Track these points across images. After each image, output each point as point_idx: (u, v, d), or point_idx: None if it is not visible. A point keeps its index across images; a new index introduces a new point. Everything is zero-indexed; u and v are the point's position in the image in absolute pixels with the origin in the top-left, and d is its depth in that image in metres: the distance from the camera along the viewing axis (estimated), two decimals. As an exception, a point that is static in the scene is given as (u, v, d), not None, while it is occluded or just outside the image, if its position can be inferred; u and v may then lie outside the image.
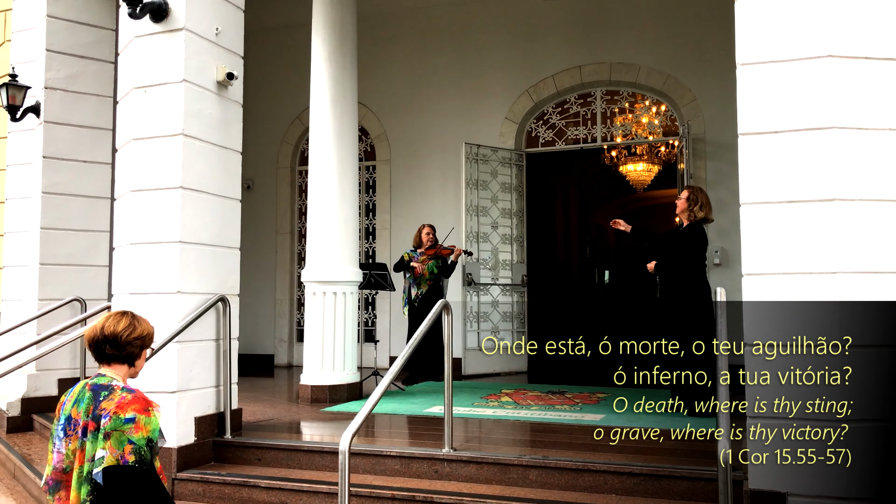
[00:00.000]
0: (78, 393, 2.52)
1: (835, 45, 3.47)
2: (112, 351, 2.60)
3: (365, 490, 4.13)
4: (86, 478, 2.40)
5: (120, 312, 2.70)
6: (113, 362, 2.61)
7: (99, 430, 2.40)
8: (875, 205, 3.43)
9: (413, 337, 4.33)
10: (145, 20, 4.81)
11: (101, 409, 2.42)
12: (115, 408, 2.41)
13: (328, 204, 6.68)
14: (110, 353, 2.60)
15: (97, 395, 2.47)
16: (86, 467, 2.41)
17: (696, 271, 5.58)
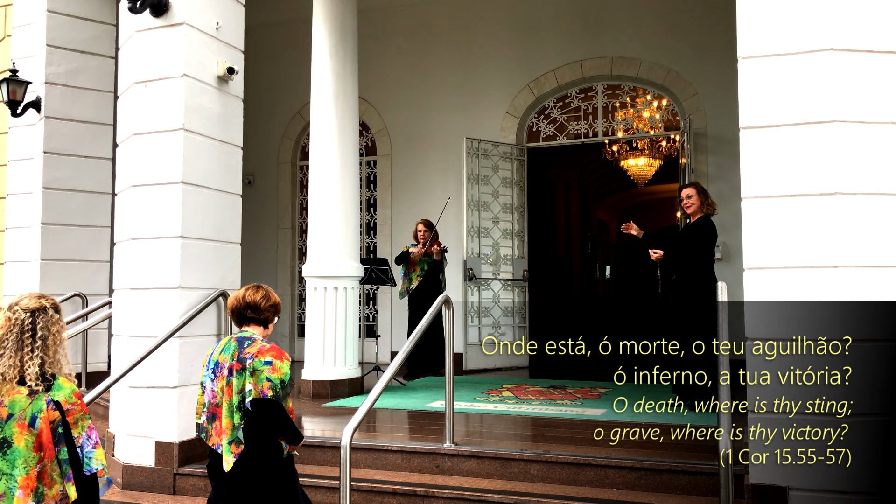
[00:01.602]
0: (224, 344, 3.10)
1: (836, 38, 3.46)
2: (252, 315, 3.16)
3: (366, 484, 4.13)
4: (237, 407, 2.97)
5: (255, 286, 3.25)
6: (252, 324, 3.16)
7: (244, 370, 2.97)
8: (876, 198, 3.43)
9: (413, 332, 4.34)
10: (145, 15, 4.80)
11: (245, 353, 3.00)
12: (257, 353, 2.98)
13: (329, 199, 6.67)
14: (251, 317, 3.16)
15: (241, 343, 3.05)
16: (234, 399, 2.97)
17: (706, 265, 5.60)
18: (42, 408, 2.35)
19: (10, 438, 2.31)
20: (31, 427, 2.33)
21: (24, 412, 2.33)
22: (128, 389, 4.77)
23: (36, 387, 2.38)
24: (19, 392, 2.36)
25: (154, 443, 4.69)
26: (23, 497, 2.27)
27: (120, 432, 4.87)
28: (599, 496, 3.92)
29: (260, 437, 3.02)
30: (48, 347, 2.47)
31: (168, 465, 4.66)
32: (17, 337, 2.43)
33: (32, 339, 2.44)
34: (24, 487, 2.28)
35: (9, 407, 2.34)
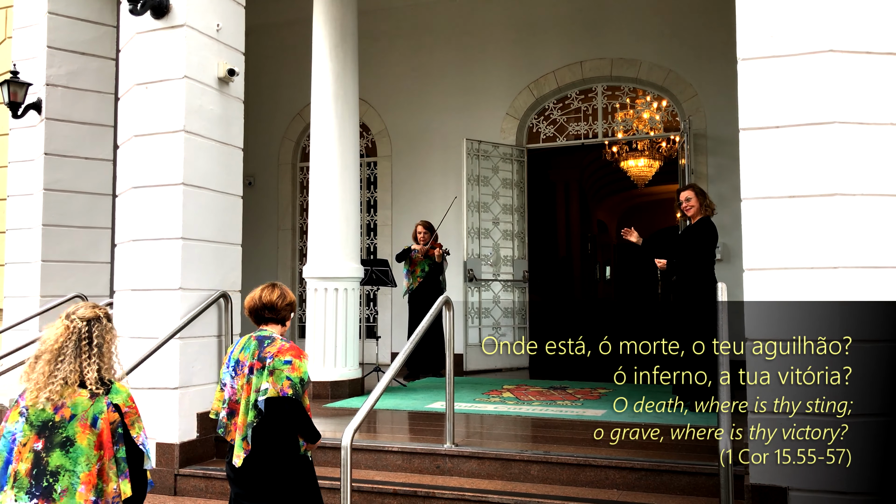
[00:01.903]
0: (244, 343, 3.19)
1: (835, 39, 3.47)
2: (270, 315, 3.25)
3: (367, 485, 4.14)
4: (253, 405, 3.06)
5: (271, 285, 3.32)
6: (270, 323, 3.26)
7: (264, 369, 3.06)
8: (876, 199, 3.44)
9: (414, 333, 4.34)
10: (146, 16, 4.81)
11: (265, 352, 3.09)
12: (277, 352, 3.07)
13: (329, 200, 6.68)
14: (268, 317, 3.26)
15: (261, 342, 3.14)
16: (252, 397, 3.06)
17: (706, 266, 5.60)
18: (103, 409, 2.51)
19: (73, 437, 2.45)
20: (93, 427, 2.48)
21: (86, 413, 2.48)
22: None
23: (97, 390, 2.53)
24: (81, 395, 2.51)
25: (155, 444, 4.69)
26: (84, 492, 2.43)
27: (121, 433, 4.87)
28: (600, 497, 3.92)
29: (275, 435, 3.09)
30: (104, 354, 2.61)
31: (169, 465, 4.66)
32: (76, 344, 2.56)
33: (89, 346, 2.58)
34: (86, 483, 2.43)
35: (71, 408, 2.48)
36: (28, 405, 2.51)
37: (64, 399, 2.49)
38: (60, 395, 2.49)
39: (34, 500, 2.42)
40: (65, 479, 2.43)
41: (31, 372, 2.55)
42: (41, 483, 2.42)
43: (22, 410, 2.51)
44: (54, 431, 2.45)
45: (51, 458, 2.44)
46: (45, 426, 2.47)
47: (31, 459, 2.44)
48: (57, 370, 2.51)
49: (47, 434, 2.46)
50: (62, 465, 2.44)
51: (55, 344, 2.55)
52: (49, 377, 2.50)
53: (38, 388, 2.50)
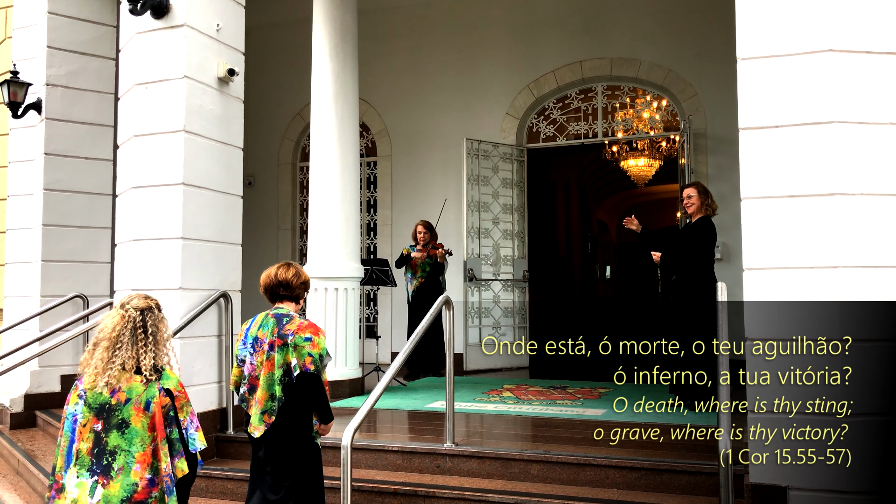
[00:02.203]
0: (262, 320, 3.35)
1: (835, 39, 3.47)
2: (285, 293, 3.41)
3: (367, 485, 4.14)
4: (278, 380, 3.24)
5: (286, 263, 3.47)
6: (285, 301, 3.42)
7: (286, 346, 3.24)
8: (876, 199, 3.44)
9: (414, 333, 4.34)
10: (146, 16, 4.81)
11: (286, 329, 3.26)
12: (297, 329, 3.25)
13: (329, 200, 6.68)
14: (283, 294, 3.42)
15: (280, 320, 3.30)
16: (276, 373, 3.24)
17: (705, 265, 5.60)
18: (155, 394, 2.70)
19: (128, 420, 2.65)
20: (146, 410, 2.68)
21: (140, 397, 2.68)
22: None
23: (150, 376, 2.73)
24: (135, 380, 2.71)
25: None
26: (140, 470, 2.63)
27: (121, 433, 4.87)
28: (600, 496, 3.92)
29: (295, 410, 3.25)
30: (157, 342, 2.81)
31: (169, 465, 4.66)
32: (132, 333, 2.76)
33: (144, 335, 2.78)
34: (140, 462, 2.63)
35: (127, 392, 2.68)
36: (86, 388, 2.71)
37: (120, 384, 2.69)
38: (117, 380, 2.68)
39: (95, 476, 2.62)
40: (121, 458, 2.62)
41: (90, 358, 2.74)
42: (101, 461, 2.62)
43: (81, 393, 2.72)
44: (111, 414, 2.65)
45: (109, 439, 2.63)
46: (103, 409, 2.67)
47: (91, 439, 2.65)
48: (115, 357, 2.70)
49: (105, 416, 2.66)
50: (119, 445, 2.63)
51: (112, 332, 2.74)
52: (107, 363, 2.70)
53: (97, 373, 2.70)
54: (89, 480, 2.61)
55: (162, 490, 2.66)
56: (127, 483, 2.61)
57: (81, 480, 2.62)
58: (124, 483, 2.61)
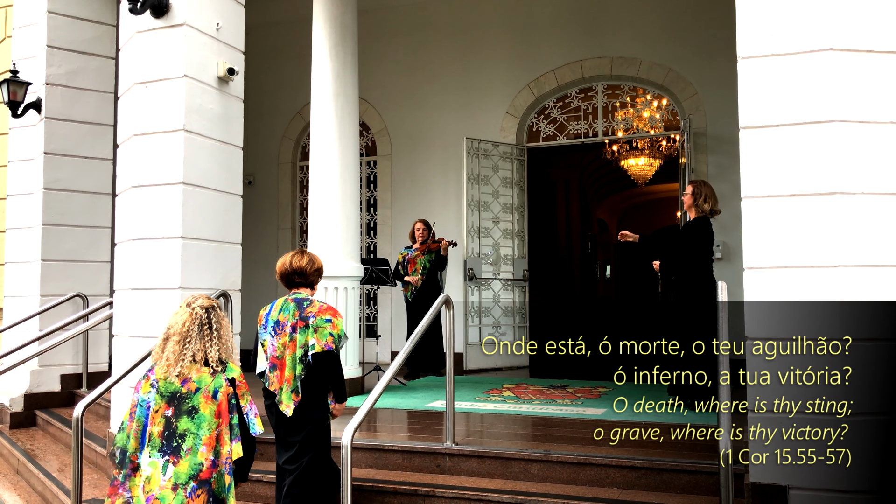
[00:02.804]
0: (282, 305, 3.63)
1: (836, 38, 3.47)
2: (299, 280, 3.69)
3: (367, 484, 4.14)
4: (299, 359, 3.51)
5: (299, 251, 3.74)
6: (300, 287, 3.70)
7: (308, 327, 3.53)
8: (876, 198, 3.43)
9: (414, 332, 4.33)
10: (146, 16, 4.81)
11: (307, 312, 3.56)
12: (318, 312, 3.56)
13: (329, 199, 6.67)
14: (298, 281, 3.70)
15: (300, 304, 3.60)
16: (297, 353, 3.51)
17: (702, 265, 5.58)
18: (221, 384, 3.01)
19: (197, 406, 2.95)
20: (214, 398, 2.98)
21: (209, 387, 2.98)
22: (129, 390, 4.77)
23: (216, 367, 3.03)
24: (204, 371, 3.01)
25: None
26: (205, 452, 2.92)
27: (121, 432, 4.87)
28: (600, 495, 3.92)
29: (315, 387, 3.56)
30: (221, 337, 3.10)
31: (169, 465, 4.66)
32: (199, 329, 3.07)
33: (210, 330, 3.09)
34: (207, 444, 2.93)
35: (196, 382, 2.98)
36: (158, 378, 3.00)
37: (190, 374, 2.98)
38: (188, 371, 2.98)
39: (166, 457, 2.91)
40: (189, 440, 2.92)
41: (161, 351, 3.05)
42: (171, 443, 2.91)
43: (153, 382, 3.01)
44: (182, 401, 2.95)
45: (179, 423, 2.93)
46: (174, 396, 2.95)
47: (162, 423, 2.94)
48: (186, 350, 3.01)
49: (175, 403, 2.94)
50: (188, 428, 2.93)
51: (182, 328, 3.05)
52: (179, 356, 3.00)
53: (169, 365, 3.01)
54: (161, 460, 2.91)
55: (221, 471, 2.96)
56: (194, 462, 2.91)
57: (154, 460, 2.92)
58: (192, 462, 2.90)
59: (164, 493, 2.89)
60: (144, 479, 2.92)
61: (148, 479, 2.92)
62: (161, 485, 2.90)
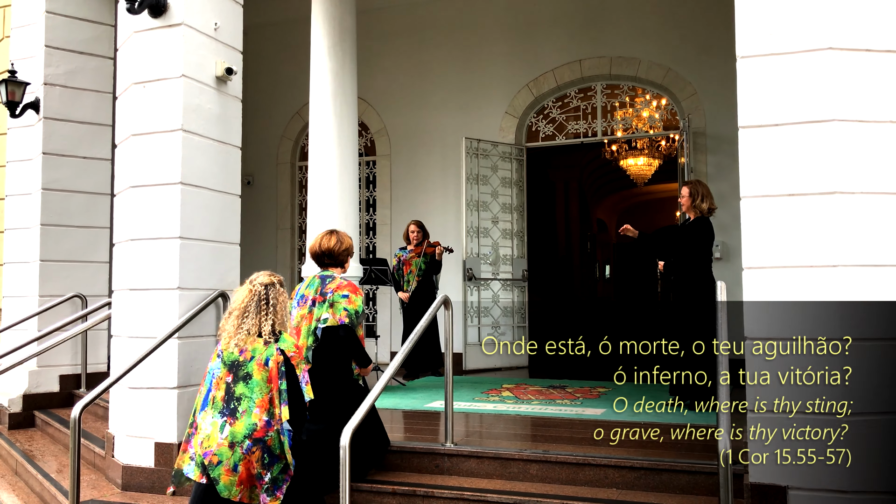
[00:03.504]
0: (309, 281, 4.10)
1: (835, 37, 3.46)
2: (329, 260, 4.12)
3: (366, 485, 4.13)
4: (312, 331, 3.94)
5: (329, 232, 4.16)
6: (330, 266, 4.13)
7: (325, 302, 3.93)
8: (876, 198, 3.43)
9: (413, 333, 4.32)
10: (144, 15, 4.80)
11: (327, 288, 3.97)
12: (336, 288, 3.96)
13: (328, 199, 6.67)
14: (328, 262, 4.13)
15: (324, 281, 4.03)
16: (312, 325, 3.95)
17: (702, 266, 5.57)
18: (273, 353, 3.30)
19: (251, 373, 3.26)
20: (266, 366, 3.28)
21: (261, 356, 3.29)
22: (127, 390, 4.77)
23: (269, 339, 3.33)
24: (258, 342, 3.32)
25: (154, 444, 4.68)
26: (259, 413, 3.24)
27: (119, 433, 4.86)
28: (599, 496, 3.91)
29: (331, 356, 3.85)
30: (277, 312, 3.38)
31: (168, 465, 4.65)
32: (257, 304, 3.36)
33: (267, 306, 3.37)
34: (260, 407, 3.25)
35: (251, 352, 3.29)
36: (223, 349, 3.33)
37: (247, 345, 3.30)
38: (244, 342, 3.30)
39: (224, 417, 3.24)
40: (245, 403, 3.24)
41: (225, 325, 3.37)
42: (229, 406, 3.25)
43: (219, 353, 3.36)
44: (239, 368, 3.28)
45: (236, 388, 3.26)
46: (234, 364, 3.29)
47: (223, 388, 3.28)
48: (243, 324, 3.32)
49: (234, 370, 3.28)
50: (244, 393, 3.25)
51: (242, 304, 3.36)
52: (237, 329, 3.32)
53: (230, 337, 3.32)
54: (220, 420, 3.24)
55: (277, 431, 3.26)
56: (248, 423, 3.21)
57: (214, 420, 3.25)
58: (246, 423, 3.21)
59: (221, 450, 3.20)
60: (204, 437, 3.24)
61: (207, 436, 3.24)
62: (219, 442, 3.21)
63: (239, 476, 3.20)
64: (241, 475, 3.20)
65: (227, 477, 3.19)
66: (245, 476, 3.20)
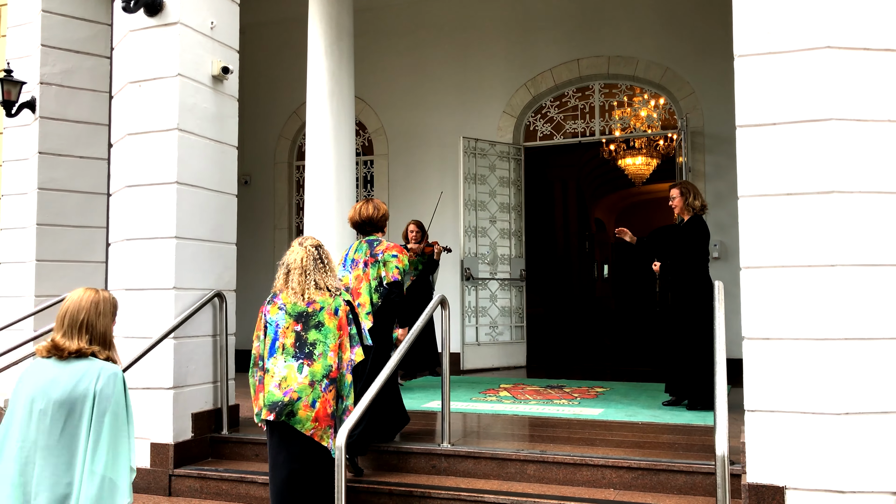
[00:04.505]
0: (357, 246, 4.63)
1: (833, 36, 3.45)
2: (370, 227, 4.61)
3: (362, 485, 4.12)
4: (374, 289, 4.48)
5: (366, 200, 4.62)
6: (373, 232, 4.61)
7: (377, 262, 4.50)
8: (874, 197, 3.42)
9: (409, 333, 4.31)
10: (140, 14, 4.78)
11: (376, 250, 4.52)
12: (385, 249, 4.52)
13: (325, 199, 6.65)
14: (369, 228, 4.61)
15: (371, 244, 4.57)
16: (372, 283, 4.48)
17: (699, 265, 5.57)
18: (340, 304, 3.72)
19: (323, 321, 3.66)
20: (335, 315, 3.68)
21: (330, 306, 3.69)
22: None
23: (334, 292, 3.73)
24: (325, 295, 3.71)
25: (150, 444, 4.67)
26: (332, 356, 3.63)
27: (115, 434, 4.84)
28: (596, 496, 3.90)
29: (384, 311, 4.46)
30: (330, 269, 3.79)
31: (163, 466, 4.64)
32: (314, 262, 3.74)
33: (322, 264, 3.77)
34: (333, 350, 3.64)
35: (320, 303, 3.67)
36: (286, 303, 3.68)
37: (314, 296, 3.68)
38: (312, 295, 3.68)
39: (300, 360, 3.60)
40: (320, 347, 3.62)
41: (286, 282, 3.73)
42: (303, 350, 3.61)
43: (280, 306, 3.68)
44: (309, 318, 3.65)
45: (308, 335, 3.63)
46: (301, 315, 3.65)
47: (293, 336, 3.63)
48: (308, 279, 3.70)
49: (304, 320, 3.65)
50: (318, 338, 3.63)
51: (302, 263, 3.73)
52: (304, 284, 3.69)
53: (295, 291, 3.68)
54: (296, 363, 3.58)
55: (342, 373, 3.67)
56: (325, 364, 3.60)
57: (289, 364, 3.59)
58: (323, 364, 3.60)
59: (301, 388, 3.55)
60: (280, 378, 3.57)
61: (284, 378, 3.57)
62: (298, 381, 3.55)
63: (315, 412, 3.56)
64: (318, 411, 3.56)
65: (305, 412, 3.55)
66: (322, 412, 3.57)
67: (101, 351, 2.69)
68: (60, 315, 2.69)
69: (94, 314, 2.70)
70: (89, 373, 2.60)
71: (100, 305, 2.73)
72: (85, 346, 2.65)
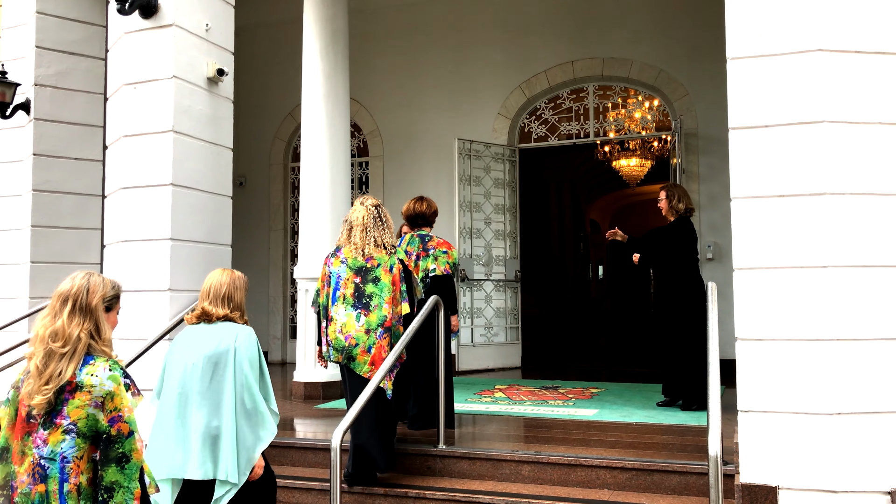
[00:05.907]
0: (409, 240, 5.03)
1: (825, 39, 3.48)
2: (421, 221, 5.07)
3: (357, 487, 4.12)
4: (421, 280, 4.83)
5: (419, 198, 5.10)
6: (423, 226, 5.07)
7: (429, 256, 4.92)
8: (865, 198, 3.44)
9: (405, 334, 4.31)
10: (134, 16, 4.78)
11: (428, 245, 4.96)
12: (436, 244, 4.96)
13: (320, 200, 6.66)
14: (421, 222, 5.07)
15: (423, 239, 5.00)
16: (420, 275, 4.85)
17: (688, 266, 5.60)
18: (395, 262, 4.08)
19: (379, 276, 4.05)
20: (390, 271, 4.07)
21: (386, 263, 4.07)
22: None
23: (391, 250, 4.11)
24: (381, 252, 4.10)
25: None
26: (387, 308, 4.04)
27: (110, 435, 4.84)
28: (591, 497, 3.91)
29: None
30: (388, 227, 4.16)
31: (159, 468, 4.63)
32: (374, 221, 4.12)
33: (382, 222, 4.16)
34: (388, 303, 4.05)
35: (377, 260, 4.06)
36: (347, 257, 4.10)
37: (372, 253, 4.07)
38: (370, 251, 4.07)
39: (358, 310, 4.04)
40: (376, 299, 4.02)
41: (349, 238, 4.14)
42: (361, 301, 4.04)
43: (342, 259, 4.11)
44: (367, 273, 4.06)
45: (366, 288, 4.04)
46: (360, 269, 4.05)
47: (352, 287, 4.06)
48: (368, 236, 4.08)
49: (362, 274, 4.05)
50: (374, 291, 4.04)
51: (364, 221, 4.11)
52: (364, 241, 4.08)
53: (356, 246, 4.09)
54: (354, 312, 4.01)
55: (395, 322, 4.06)
56: (380, 314, 4.01)
57: (349, 312, 4.03)
58: (378, 314, 4.01)
59: (359, 335, 4.00)
60: (341, 325, 4.02)
61: (344, 324, 4.02)
62: (356, 328, 4.00)
63: (371, 356, 3.97)
64: (374, 356, 3.98)
65: (363, 356, 3.99)
66: (377, 356, 3.96)
67: (239, 317, 3.35)
68: (205, 290, 3.36)
69: (232, 288, 3.36)
70: (230, 333, 3.24)
71: (236, 282, 3.40)
72: (228, 312, 3.31)
